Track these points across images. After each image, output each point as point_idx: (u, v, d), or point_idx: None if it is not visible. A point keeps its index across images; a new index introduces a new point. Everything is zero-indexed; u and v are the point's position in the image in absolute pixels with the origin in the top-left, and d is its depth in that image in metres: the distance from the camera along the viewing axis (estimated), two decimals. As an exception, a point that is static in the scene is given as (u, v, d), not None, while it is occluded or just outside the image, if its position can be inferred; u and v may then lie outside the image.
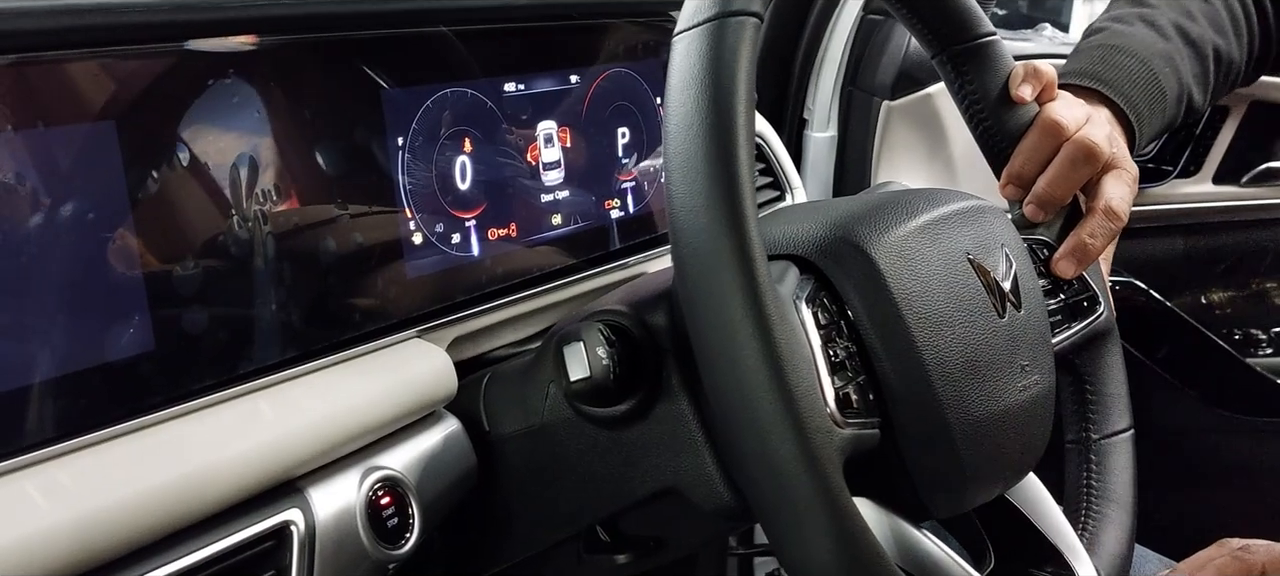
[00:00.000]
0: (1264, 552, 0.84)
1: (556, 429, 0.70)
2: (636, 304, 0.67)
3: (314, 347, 0.68)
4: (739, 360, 0.55)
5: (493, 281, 0.79)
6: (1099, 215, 0.80)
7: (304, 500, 0.64)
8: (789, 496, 0.56)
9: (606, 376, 0.64)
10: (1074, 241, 0.80)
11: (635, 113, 0.90)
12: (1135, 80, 0.91)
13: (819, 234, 0.66)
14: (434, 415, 0.74)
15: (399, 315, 0.73)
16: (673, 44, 0.59)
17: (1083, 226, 0.80)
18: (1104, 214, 0.80)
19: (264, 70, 0.66)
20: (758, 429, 0.55)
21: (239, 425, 0.63)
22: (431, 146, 0.74)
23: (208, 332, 0.63)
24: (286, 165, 0.67)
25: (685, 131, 0.56)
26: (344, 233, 0.70)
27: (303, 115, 0.68)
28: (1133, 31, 0.95)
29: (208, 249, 0.63)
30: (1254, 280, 1.60)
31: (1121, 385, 0.84)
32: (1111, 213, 0.80)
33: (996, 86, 0.80)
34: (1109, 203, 0.80)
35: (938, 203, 0.70)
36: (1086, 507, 0.81)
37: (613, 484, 0.70)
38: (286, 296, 0.66)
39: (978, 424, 0.65)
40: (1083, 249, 0.80)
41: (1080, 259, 0.80)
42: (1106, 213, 0.80)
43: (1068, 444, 0.83)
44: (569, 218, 0.85)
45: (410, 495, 0.69)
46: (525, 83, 0.81)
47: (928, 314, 0.64)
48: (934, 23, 0.78)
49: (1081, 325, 0.80)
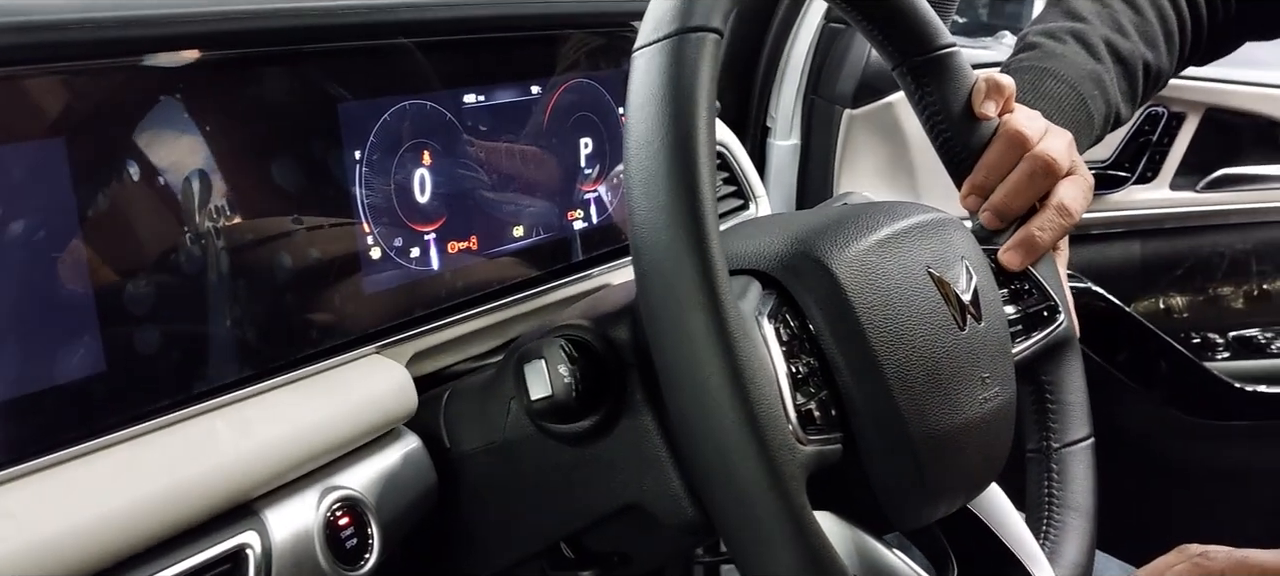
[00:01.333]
0: (1223, 558, 0.85)
1: (518, 445, 0.70)
2: (599, 318, 0.66)
3: (270, 366, 0.67)
4: (702, 378, 0.54)
5: (453, 295, 0.78)
6: (1050, 210, 0.80)
7: (260, 522, 0.63)
8: (752, 514, 0.55)
9: (569, 394, 0.63)
10: (1023, 233, 0.80)
11: (597, 123, 0.89)
12: (1064, 108, 0.92)
13: (780, 249, 0.66)
14: (393, 432, 0.73)
15: (357, 331, 0.72)
16: (633, 60, 0.59)
17: (1033, 220, 0.81)
18: (1056, 210, 0.80)
19: (217, 84, 0.65)
20: (721, 447, 0.55)
21: (193, 447, 0.62)
22: (390, 159, 0.74)
23: (161, 352, 0.62)
24: (241, 180, 0.66)
25: (646, 148, 0.56)
26: (300, 248, 0.69)
27: (257, 129, 0.67)
28: (1064, 50, 0.95)
29: (160, 266, 0.62)
30: (1210, 284, 1.62)
31: (1081, 393, 0.84)
32: (1063, 209, 0.80)
33: (957, 98, 0.80)
34: (1062, 200, 0.81)
35: (898, 216, 0.70)
36: (1048, 516, 0.81)
37: (576, 500, 0.69)
38: (242, 314, 0.65)
39: (940, 436, 0.65)
40: (1031, 241, 0.80)
41: (1028, 251, 0.80)
42: (1058, 209, 0.80)
43: (1029, 453, 0.83)
44: (531, 229, 0.84)
45: (369, 515, 0.69)
46: (485, 94, 0.80)
47: (889, 328, 0.64)
48: (894, 34, 0.78)
49: (1041, 335, 0.80)
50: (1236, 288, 1.63)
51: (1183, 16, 1.03)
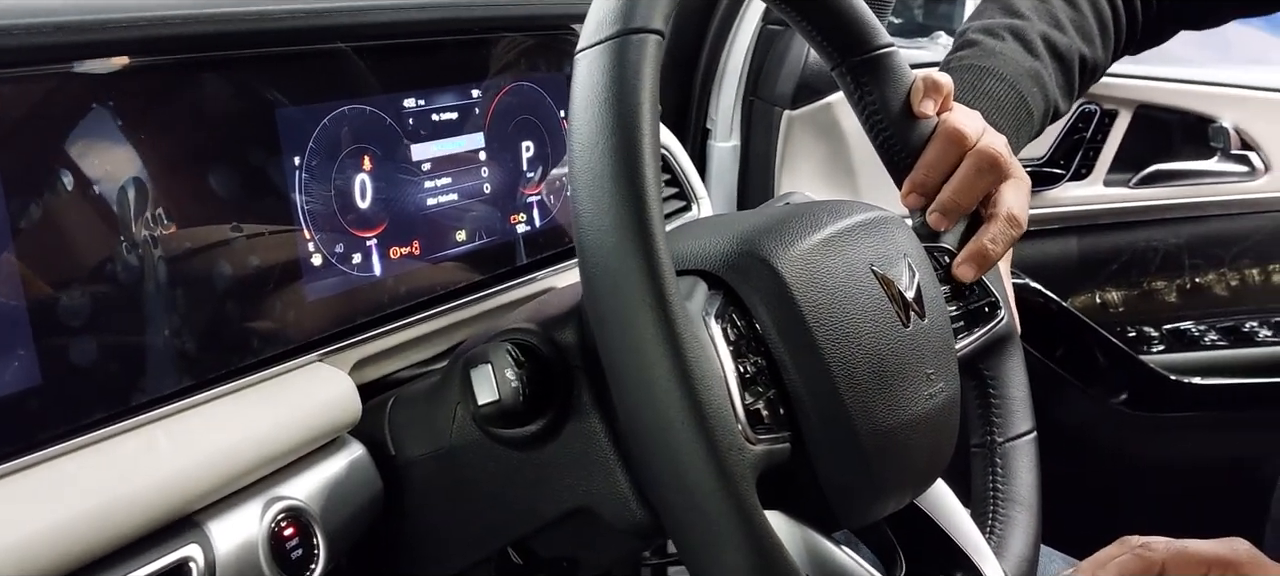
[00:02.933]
0: (1164, 549, 0.86)
1: (465, 451, 0.69)
2: (545, 321, 0.66)
3: (211, 375, 0.66)
4: (650, 379, 0.54)
5: (396, 301, 0.77)
6: (1000, 221, 0.81)
7: (203, 535, 0.62)
8: (702, 515, 0.55)
9: (515, 398, 0.63)
10: (975, 246, 0.81)
11: (539, 126, 0.89)
12: (1004, 107, 0.93)
13: (726, 248, 0.66)
14: (337, 441, 0.72)
15: (299, 339, 0.71)
16: (576, 62, 0.58)
17: (983, 232, 0.82)
18: (1005, 220, 0.81)
19: (151, 91, 0.64)
20: (670, 449, 0.55)
21: (133, 459, 0.60)
22: (330, 165, 0.73)
23: (98, 364, 0.61)
24: (178, 188, 0.65)
25: (590, 150, 0.56)
26: (240, 256, 0.68)
27: (194, 136, 0.66)
28: (1002, 48, 0.96)
29: (96, 276, 0.61)
30: (1146, 278, 1.65)
31: (1023, 388, 0.85)
32: (1012, 219, 0.81)
33: (896, 97, 0.80)
34: (1009, 209, 0.81)
35: (841, 214, 0.70)
36: (993, 510, 0.82)
37: (524, 505, 0.69)
38: (180, 323, 0.64)
39: (886, 433, 0.66)
40: (983, 253, 0.81)
41: (981, 263, 0.81)
42: (1007, 219, 0.81)
43: (973, 448, 0.84)
44: (474, 233, 0.83)
45: (314, 524, 0.68)
46: (426, 98, 0.79)
47: (834, 326, 0.64)
48: (832, 35, 0.78)
49: (983, 331, 0.81)
50: (1170, 281, 1.66)
51: (1117, 9, 1.05)
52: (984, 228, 0.82)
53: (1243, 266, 1.66)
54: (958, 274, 0.81)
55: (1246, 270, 1.67)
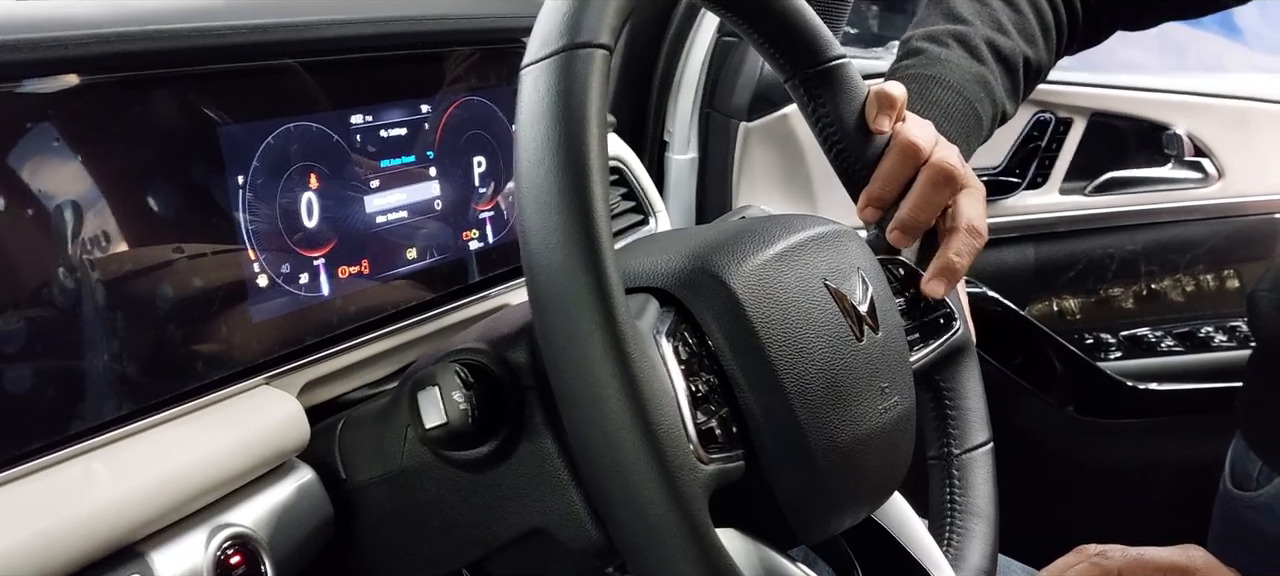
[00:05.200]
0: (1120, 557, 0.86)
1: (416, 474, 0.68)
2: (495, 341, 0.65)
3: (152, 401, 0.64)
4: (600, 401, 0.53)
5: (345, 321, 0.76)
6: (962, 233, 0.81)
7: (145, 565, 0.60)
8: (654, 536, 0.55)
9: (464, 420, 0.62)
10: (942, 261, 0.81)
11: (490, 141, 0.88)
12: (953, 115, 0.93)
13: (677, 265, 0.66)
14: (285, 465, 0.71)
15: (244, 362, 0.69)
16: (521, 77, 0.57)
17: (947, 246, 0.81)
18: (968, 232, 0.81)
19: (90, 109, 0.62)
20: (621, 470, 0.54)
21: (71, 489, 0.59)
22: (275, 183, 0.71)
23: (34, 390, 0.59)
24: (117, 208, 0.63)
25: (536, 167, 0.55)
26: (182, 277, 0.66)
27: (133, 155, 0.64)
28: (948, 55, 0.96)
29: (32, 301, 0.59)
30: (1102, 286, 1.66)
31: (979, 399, 0.85)
32: (974, 231, 0.81)
33: (849, 109, 0.80)
34: (970, 220, 0.81)
35: (794, 229, 0.69)
36: (950, 522, 0.81)
37: (478, 528, 0.68)
38: (120, 348, 0.63)
39: (841, 448, 0.65)
40: (951, 268, 0.81)
41: (950, 277, 0.81)
42: (970, 231, 0.81)
43: (929, 460, 0.83)
44: (424, 251, 0.82)
45: (262, 552, 0.66)
46: (373, 114, 0.78)
47: (787, 341, 0.64)
48: (784, 47, 0.78)
49: (938, 342, 0.81)
50: (1127, 288, 1.67)
51: (1057, 9, 1.05)
52: (946, 242, 0.81)
53: (1198, 272, 1.68)
54: (928, 291, 0.80)
55: (1201, 275, 1.68)
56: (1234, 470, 1.12)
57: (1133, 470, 1.65)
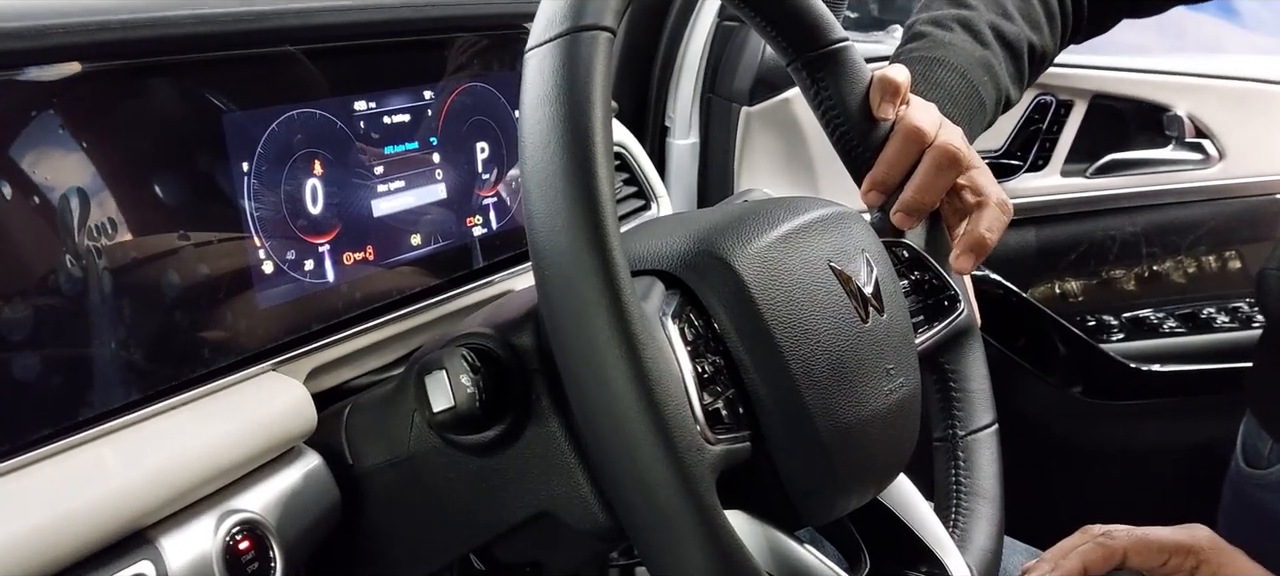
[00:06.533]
0: (1125, 537, 0.86)
1: (423, 459, 0.68)
2: (501, 325, 0.65)
3: (160, 388, 0.65)
4: (607, 382, 0.54)
5: (350, 308, 0.76)
6: (993, 208, 0.81)
7: (155, 551, 0.61)
8: (662, 517, 0.55)
9: (472, 405, 0.62)
10: (973, 236, 0.81)
11: (494, 127, 0.88)
12: (956, 97, 0.93)
13: (683, 248, 0.66)
14: (293, 451, 0.71)
15: (251, 348, 0.70)
16: (525, 61, 0.57)
17: (978, 220, 0.81)
18: (997, 206, 0.82)
19: (95, 97, 0.62)
20: (628, 452, 0.54)
21: (81, 476, 0.59)
22: (279, 170, 0.71)
23: (42, 378, 0.59)
24: (122, 196, 0.63)
25: (542, 150, 0.55)
26: (188, 265, 0.66)
27: (138, 143, 0.64)
28: (952, 39, 0.96)
29: (40, 289, 0.59)
30: (1104, 268, 1.66)
31: (984, 380, 0.85)
32: (1005, 206, 0.82)
33: (852, 92, 0.80)
34: (999, 196, 0.82)
35: (798, 211, 0.70)
36: (956, 504, 0.82)
37: (485, 512, 0.68)
38: (127, 335, 0.63)
39: (847, 430, 0.66)
40: (981, 242, 0.81)
41: (980, 251, 0.81)
42: (1000, 205, 0.82)
43: (935, 442, 0.83)
44: (429, 237, 0.82)
45: (271, 537, 0.66)
46: (377, 100, 0.78)
47: (793, 323, 0.64)
48: (787, 30, 0.78)
49: (943, 324, 0.81)
50: (1128, 270, 1.67)
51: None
52: (977, 216, 0.82)
53: (1199, 253, 1.68)
54: (957, 266, 0.81)
55: (1203, 257, 1.68)
56: (1245, 448, 1.12)
57: (1136, 451, 1.66)
